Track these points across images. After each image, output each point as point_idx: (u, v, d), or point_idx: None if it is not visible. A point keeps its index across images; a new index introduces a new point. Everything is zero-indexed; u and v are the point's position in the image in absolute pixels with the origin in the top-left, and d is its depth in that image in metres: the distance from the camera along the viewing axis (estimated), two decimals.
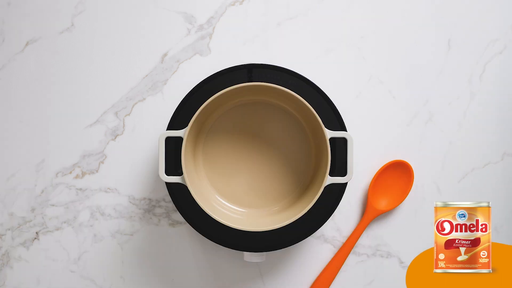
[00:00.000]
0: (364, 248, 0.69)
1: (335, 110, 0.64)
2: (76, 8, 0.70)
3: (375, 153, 0.69)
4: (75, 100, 0.69)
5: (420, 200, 0.69)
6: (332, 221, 0.69)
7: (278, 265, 0.69)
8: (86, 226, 0.69)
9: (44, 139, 0.69)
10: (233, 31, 0.70)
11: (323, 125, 0.60)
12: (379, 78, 0.70)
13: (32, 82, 0.69)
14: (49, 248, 0.69)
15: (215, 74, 0.64)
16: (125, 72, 0.69)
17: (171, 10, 0.70)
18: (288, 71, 0.64)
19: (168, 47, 0.70)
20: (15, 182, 0.69)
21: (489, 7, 0.71)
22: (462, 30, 0.70)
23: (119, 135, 0.69)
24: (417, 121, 0.70)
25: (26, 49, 0.70)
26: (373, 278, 0.69)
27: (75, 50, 0.70)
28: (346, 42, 0.70)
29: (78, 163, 0.69)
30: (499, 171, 0.70)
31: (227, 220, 0.60)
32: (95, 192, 0.69)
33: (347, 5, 0.70)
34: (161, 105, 0.69)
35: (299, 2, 0.70)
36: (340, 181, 0.61)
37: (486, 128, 0.70)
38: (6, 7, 0.70)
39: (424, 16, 0.70)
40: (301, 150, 0.66)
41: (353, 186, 0.69)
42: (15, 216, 0.69)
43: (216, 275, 0.69)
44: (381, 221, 0.69)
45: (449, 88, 0.70)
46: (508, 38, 0.70)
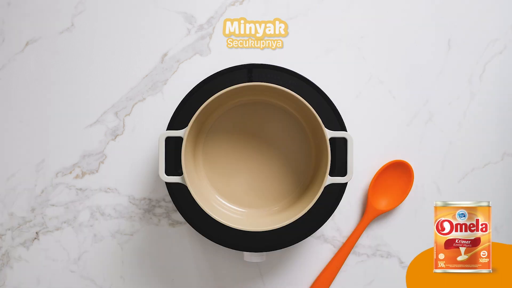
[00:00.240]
0: (364, 248, 0.69)
1: (335, 110, 0.64)
2: (76, 8, 0.70)
3: (375, 153, 0.69)
4: (75, 100, 0.69)
5: (420, 200, 0.69)
6: (332, 221, 0.69)
7: (278, 265, 0.69)
8: (86, 226, 0.69)
9: (44, 139, 0.69)
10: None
11: (323, 125, 0.60)
12: (379, 78, 0.70)
13: (32, 82, 0.69)
14: (49, 248, 0.69)
15: (215, 74, 0.64)
16: (125, 72, 0.69)
17: (171, 10, 0.70)
18: (288, 71, 0.64)
19: (168, 47, 0.70)
20: (15, 182, 0.69)
21: (489, 7, 0.71)
22: (462, 30, 0.70)
23: (119, 135, 0.69)
24: (417, 121, 0.70)
25: (26, 49, 0.70)
26: (373, 278, 0.69)
27: (75, 50, 0.70)
28: (346, 42, 0.70)
29: (78, 163, 0.69)
30: (499, 171, 0.70)
31: (227, 220, 0.60)
32: (95, 192, 0.69)
33: (347, 5, 0.70)
34: (161, 105, 0.69)
35: (299, 2, 0.70)
36: (340, 181, 0.61)
37: (486, 128, 0.70)
38: (6, 7, 0.70)
39: (424, 16, 0.70)
40: (301, 150, 0.66)
41: (353, 186, 0.69)
42: (15, 216, 0.69)
43: (216, 275, 0.69)
44: (381, 221, 0.69)
45: (449, 88, 0.70)
46: (508, 38, 0.70)
